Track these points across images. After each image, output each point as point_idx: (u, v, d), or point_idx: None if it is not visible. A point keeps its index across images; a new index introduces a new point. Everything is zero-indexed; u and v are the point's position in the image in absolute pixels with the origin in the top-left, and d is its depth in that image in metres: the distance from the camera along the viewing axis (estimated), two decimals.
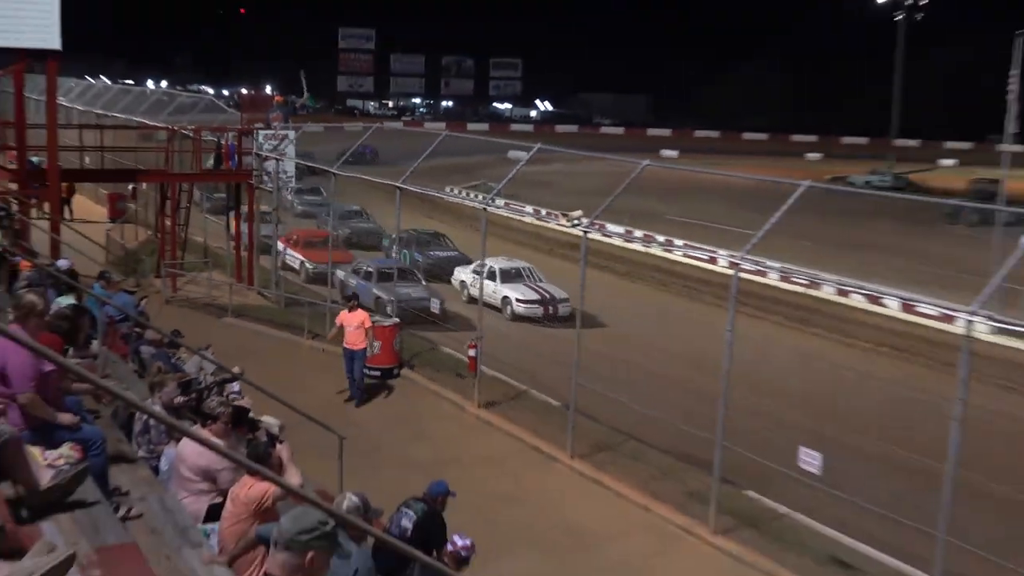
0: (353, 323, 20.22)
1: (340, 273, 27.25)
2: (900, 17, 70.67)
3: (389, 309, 23.99)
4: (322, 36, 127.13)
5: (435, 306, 25.07)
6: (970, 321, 12.16)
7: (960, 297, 12.65)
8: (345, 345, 20.19)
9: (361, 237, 33.81)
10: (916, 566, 13.21)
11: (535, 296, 27.16)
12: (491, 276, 26.81)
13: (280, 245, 29.13)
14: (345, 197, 30.79)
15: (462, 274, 29.46)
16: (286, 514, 4.72)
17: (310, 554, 4.31)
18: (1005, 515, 15.03)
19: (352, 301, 21.43)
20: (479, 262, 23.28)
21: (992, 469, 16.48)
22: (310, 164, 30.13)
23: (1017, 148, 47.16)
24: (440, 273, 30.23)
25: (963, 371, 12.04)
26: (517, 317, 26.83)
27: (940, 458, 12.32)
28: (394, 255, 29.02)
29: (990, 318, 14.43)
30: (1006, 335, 25.95)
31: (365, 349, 20.27)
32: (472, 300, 24.42)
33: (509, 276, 28.10)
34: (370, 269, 27.41)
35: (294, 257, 30.34)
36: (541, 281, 28.38)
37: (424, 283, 27.24)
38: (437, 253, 32.30)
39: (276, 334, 24.37)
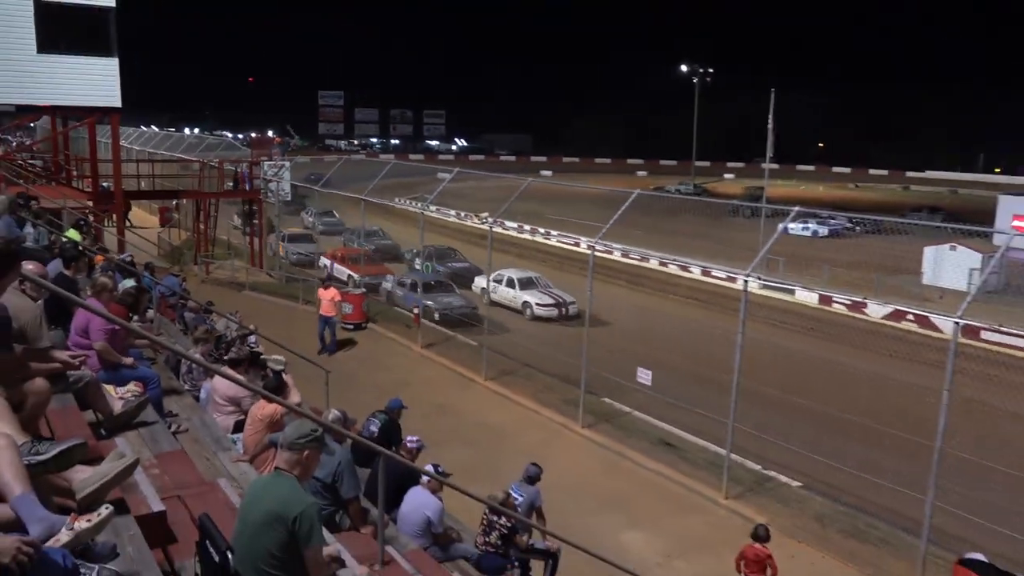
0: (326, 297, 19.87)
1: (387, 285, 24.15)
2: (696, 79, 71.66)
3: (437, 316, 21.38)
4: (308, 96, 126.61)
5: (469, 309, 21.61)
6: (746, 280, 12.40)
7: (740, 265, 12.87)
8: (321, 313, 19.83)
9: (384, 252, 29.58)
10: (717, 444, 13.52)
11: (550, 300, 23.67)
12: (510, 284, 24.18)
13: (325, 260, 26.85)
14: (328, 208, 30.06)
15: (482, 282, 24.77)
16: (289, 425, 4.63)
17: (305, 452, 4.23)
18: (770, 407, 15.40)
19: (327, 281, 21.15)
20: (498, 272, 21.95)
21: (762, 377, 16.89)
22: (301, 184, 29.50)
23: (774, 167, 48.31)
24: (459, 282, 26.18)
25: (742, 313, 12.30)
26: (536, 318, 23.31)
27: (728, 372, 12.58)
28: (417, 266, 25.58)
29: (759, 278, 14.80)
30: (770, 289, 26.64)
31: (335, 316, 19.87)
32: (493, 303, 20.37)
33: (525, 284, 24.54)
34: (413, 281, 22.86)
35: (341, 271, 26.54)
36: (550, 286, 24.87)
37: (458, 292, 23.52)
38: (454, 264, 28.31)
39: (280, 302, 23.88)
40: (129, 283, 10.50)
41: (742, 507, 12.01)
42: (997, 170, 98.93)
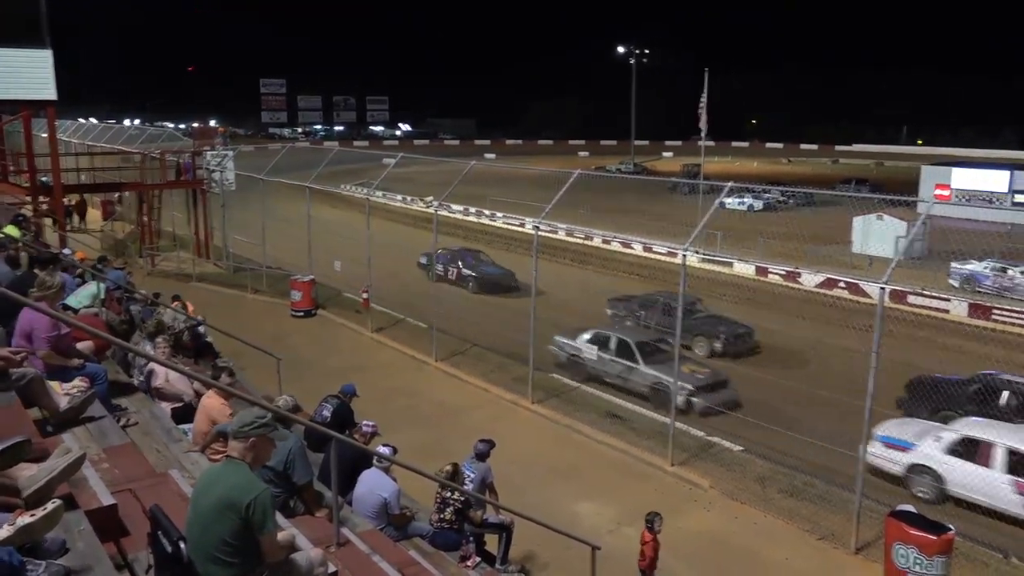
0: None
1: (565, 340, 16.99)
2: (633, 61, 72.00)
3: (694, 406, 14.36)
4: (250, 84, 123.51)
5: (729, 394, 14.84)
6: (685, 254, 12.57)
7: (680, 240, 13.02)
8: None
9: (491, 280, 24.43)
10: (658, 413, 13.73)
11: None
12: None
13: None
14: (271, 198, 29.35)
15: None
16: (238, 413, 4.56)
17: (252, 439, 4.17)
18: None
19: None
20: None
21: None
22: (244, 173, 28.85)
23: (710, 144, 48.87)
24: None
25: (682, 285, 12.47)
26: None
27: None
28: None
29: (697, 252, 15.01)
30: (708, 262, 27.07)
31: None
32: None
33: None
34: (622, 341, 16.01)
35: None
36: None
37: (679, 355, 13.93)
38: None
39: (229, 292, 23.41)
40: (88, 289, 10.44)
41: (687, 472, 12.25)
42: (919, 142, 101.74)
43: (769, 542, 10.41)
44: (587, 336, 16.80)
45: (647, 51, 74.38)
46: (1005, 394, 13.62)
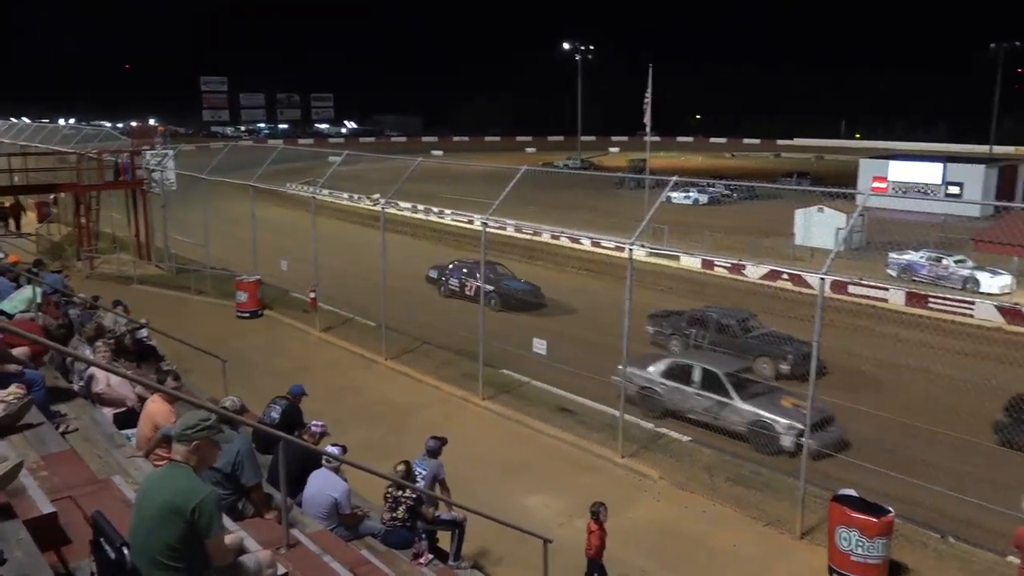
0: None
1: (655, 378, 14.60)
2: (579, 57, 72.44)
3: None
4: (190, 82, 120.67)
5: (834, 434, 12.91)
6: (631, 248, 12.71)
7: (626, 234, 13.15)
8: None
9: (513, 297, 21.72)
10: (608, 405, 13.85)
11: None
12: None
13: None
14: (214, 198, 28.70)
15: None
16: (181, 416, 4.49)
17: (196, 442, 4.12)
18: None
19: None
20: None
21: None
22: (186, 173, 28.25)
23: (655, 139, 49.47)
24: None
25: (629, 280, 12.61)
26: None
27: (617, 337, 12.89)
28: (453, 281, 20.83)
29: (643, 246, 15.20)
30: (655, 256, 27.42)
31: None
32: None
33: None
34: (709, 373, 13.93)
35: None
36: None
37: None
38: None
39: (172, 294, 22.90)
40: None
41: (637, 464, 12.40)
42: (857, 136, 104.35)
43: (717, 529, 10.61)
44: (661, 367, 14.63)
45: (592, 47, 74.90)
46: None
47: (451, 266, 23.71)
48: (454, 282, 23.14)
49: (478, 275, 21.37)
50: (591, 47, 75.06)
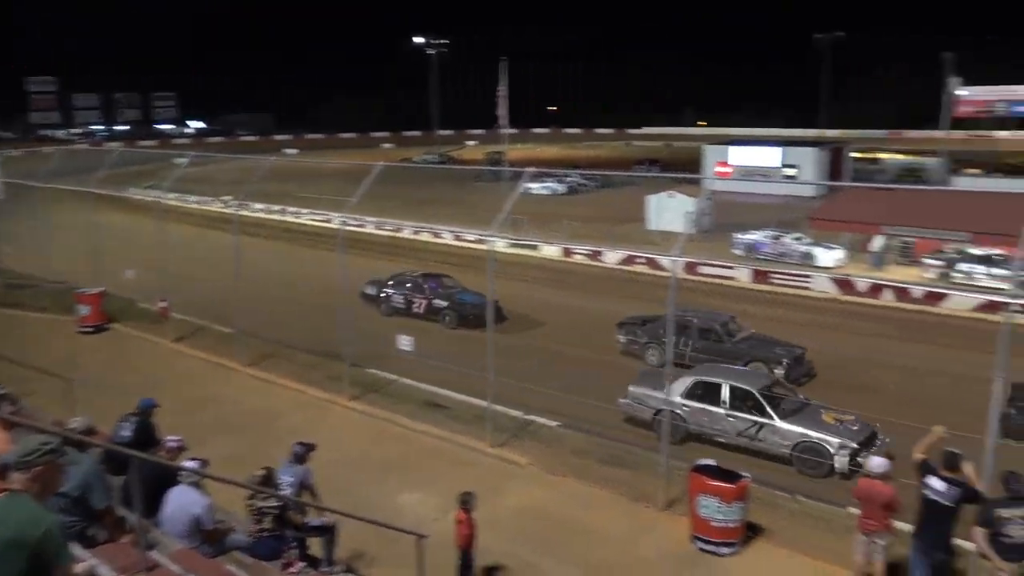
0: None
1: (676, 399, 13.05)
2: (433, 52, 72.38)
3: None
4: (14, 83, 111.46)
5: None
6: (492, 240, 12.85)
7: (486, 226, 13.28)
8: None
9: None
10: (479, 398, 13.93)
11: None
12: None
13: None
14: (49, 206, 26.67)
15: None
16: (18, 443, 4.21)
17: (36, 469, 3.87)
18: (529, 356, 16.16)
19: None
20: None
21: (521, 328, 17.64)
22: (15, 181, 26.24)
23: (511, 131, 50.09)
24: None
25: (490, 270, 12.74)
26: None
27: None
28: (394, 299, 19.21)
29: (502, 238, 15.40)
30: (517, 247, 27.84)
31: None
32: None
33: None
34: (738, 391, 12.97)
35: None
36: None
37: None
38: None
39: (5, 312, 21.04)
40: None
41: (508, 453, 12.59)
42: (700, 123, 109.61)
43: (588, 509, 10.93)
44: (682, 387, 13.35)
45: (447, 41, 75.00)
46: None
47: (391, 281, 21.65)
48: (398, 299, 20.92)
49: (427, 289, 21.12)
50: (446, 41, 75.22)
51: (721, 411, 12.85)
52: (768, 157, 49.65)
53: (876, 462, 8.63)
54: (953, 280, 24.71)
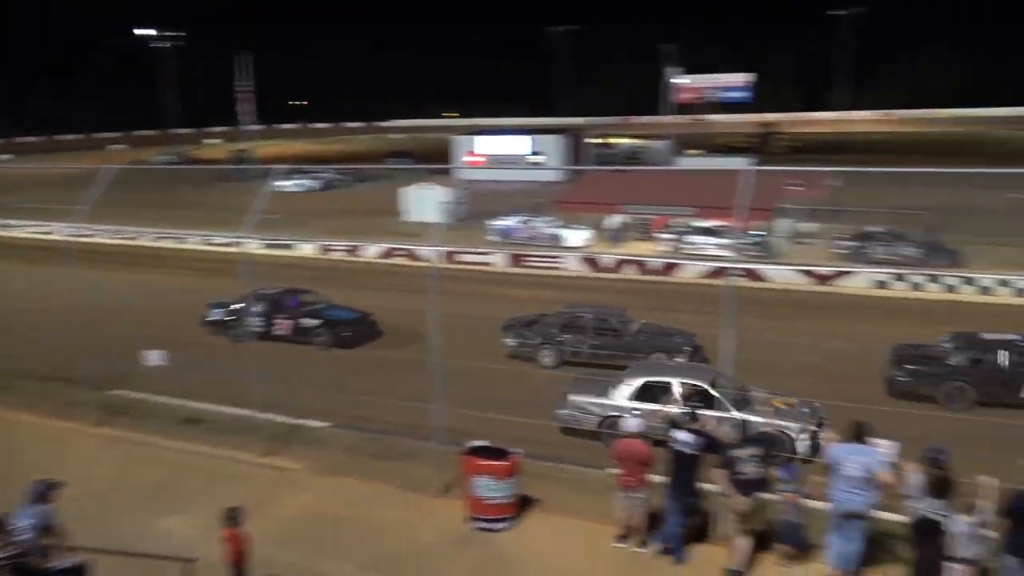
0: None
1: (623, 403, 12.73)
2: (165, 45, 67.52)
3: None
4: None
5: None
6: (240, 241, 12.32)
7: (235, 228, 12.69)
8: None
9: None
10: (244, 407, 13.30)
11: None
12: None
13: None
14: None
15: None
16: None
17: None
18: (300, 358, 15.69)
19: None
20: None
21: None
22: None
23: (257, 127, 48.15)
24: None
25: (248, 277, 12.23)
26: None
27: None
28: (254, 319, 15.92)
29: (254, 239, 14.82)
30: (272, 247, 26.93)
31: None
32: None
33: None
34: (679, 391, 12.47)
35: None
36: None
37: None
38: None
39: None
40: None
41: (278, 460, 12.16)
42: (450, 115, 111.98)
43: (365, 506, 10.85)
44: (629, 390, 13.00)
45: (180, 34, 70.28)
46: None
47: (242, 304, 17.70)
48: (256, 322, 17.30)
49: (289, 307, 18.96)
50: (179, 34, 70.37)
51: (676, 410, 10.75)
52: (517, 145, 51.71)
53: (633, 423, 9.44)
54: (684, 251, 27.25)
